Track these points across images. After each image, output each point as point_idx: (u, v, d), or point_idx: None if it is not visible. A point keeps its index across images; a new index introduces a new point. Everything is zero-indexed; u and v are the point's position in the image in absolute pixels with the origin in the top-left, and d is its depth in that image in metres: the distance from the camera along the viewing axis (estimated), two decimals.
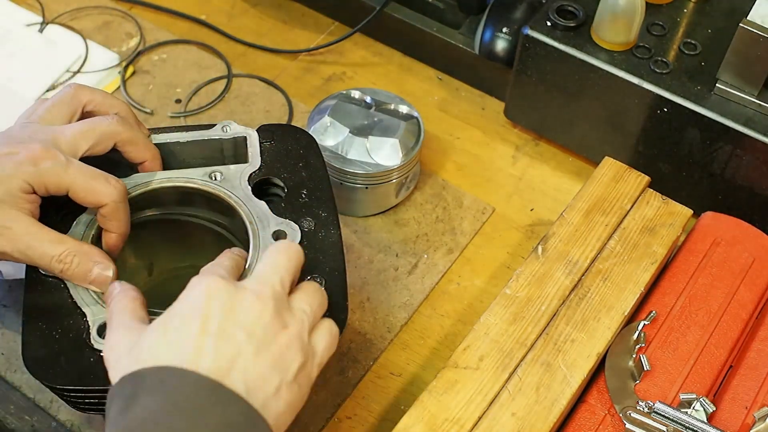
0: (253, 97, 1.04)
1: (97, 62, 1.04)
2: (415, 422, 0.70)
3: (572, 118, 0.95)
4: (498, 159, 1.00)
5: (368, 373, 0.83)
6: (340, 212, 0.82)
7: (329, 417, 0.80)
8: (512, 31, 0.98)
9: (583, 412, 0.74)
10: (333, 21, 1.12)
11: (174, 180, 0.74)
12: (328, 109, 0.90)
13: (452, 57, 1.04)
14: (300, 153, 0.77)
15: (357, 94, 0.92)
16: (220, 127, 0.77)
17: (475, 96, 1.05)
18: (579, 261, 0.80)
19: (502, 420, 0.70)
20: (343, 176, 0.88)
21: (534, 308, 0.76)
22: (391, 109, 0.91)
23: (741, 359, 0.77)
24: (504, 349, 0.74)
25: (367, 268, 0.89)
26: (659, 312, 0.78)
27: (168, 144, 0.76)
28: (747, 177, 0.87)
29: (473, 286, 0.89)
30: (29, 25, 1.07)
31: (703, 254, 0.82)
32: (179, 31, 1.10)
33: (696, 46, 0.91)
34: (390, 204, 0.93)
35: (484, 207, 0.95)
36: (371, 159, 0.87)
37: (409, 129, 0.89)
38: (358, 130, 0.88)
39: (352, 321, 0.81)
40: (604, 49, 0.90)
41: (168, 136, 0.77)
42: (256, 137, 0.77)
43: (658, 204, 0.84)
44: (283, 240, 0.70)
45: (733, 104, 0.86)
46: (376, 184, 0.88)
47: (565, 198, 0.95)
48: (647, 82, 0.88)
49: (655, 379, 0.74)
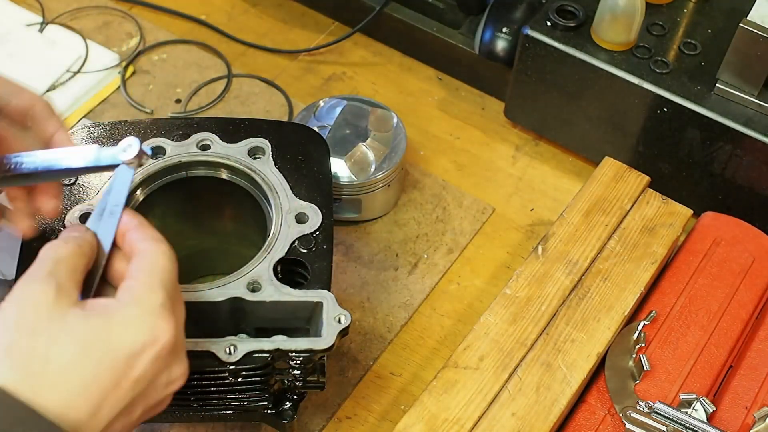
0: (253, 97, 1.04)
1: (97, 62, 1.04)
2: (415, 422, 0.70)
3: (572, 118, 0.95)
4: (498, 159, 0.99)
5: (368, 373, 0.83)
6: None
7: (329, 417, 0.80)
8: (512, 31, 0.98)
9: (583, 412, 0.74)
10: (333, 21, 1.12)
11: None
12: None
13: (452, 57, 1.04)
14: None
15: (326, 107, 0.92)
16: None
17: (475, 96, 1.05)
18: (579, 261, 0.80)
19: (502, 420, 0.70)
20: None
21: (534, 308, 0.76)
22: (357, 124, 0.90)
23: (741, 359, 0.77)
24: (504, 349, 0.74)
25: (367, 268, 0.89)
26: (659, 312, 0.78)
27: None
28: (747, 177, 0.87)
29: (473, 286, 0.89)
30: (29, 25, 1.07)
31: (703, 254, 0.82)
32: (179, 31, 1.10)
33: (696, 46, 0.91)
34: (377, 213, 0.93)
35: (484, 207, 0.95)
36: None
37: (372, 145, 0.88)
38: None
39: (352, 321, 0.80)
40: (604, 49, 0.90)
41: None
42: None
43: (658, 204, 0.84)
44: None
45: (733, 104, 0.86)
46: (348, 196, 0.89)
47: (565, 198, 0.95)
48: (647, 82, 0.88)
49: (655, 379, 0.74)
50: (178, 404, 0.71)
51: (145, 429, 0.78)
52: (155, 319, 0.52)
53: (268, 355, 0.65)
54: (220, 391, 0.69)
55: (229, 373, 0.66)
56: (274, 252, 0.70)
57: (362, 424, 0.80)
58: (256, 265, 0.69)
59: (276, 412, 0.73)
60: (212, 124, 0.78)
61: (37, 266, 0.53)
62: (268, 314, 0.68)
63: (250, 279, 0.68)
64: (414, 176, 0.97)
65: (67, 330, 0.50)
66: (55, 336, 0.49)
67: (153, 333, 0.51)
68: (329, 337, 0.66)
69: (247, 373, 0.67)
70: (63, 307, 0.51)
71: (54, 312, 0.50)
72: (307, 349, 0.66)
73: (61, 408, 0.48)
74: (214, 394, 0.70)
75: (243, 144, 0.76)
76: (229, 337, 0.65)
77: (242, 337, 0.66)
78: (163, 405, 0.55)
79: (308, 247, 0.71)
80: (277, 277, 0.69)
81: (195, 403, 0.71)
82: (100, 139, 0.77)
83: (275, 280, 0.68)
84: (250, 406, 0.72)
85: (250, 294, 0.67)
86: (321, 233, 0.72)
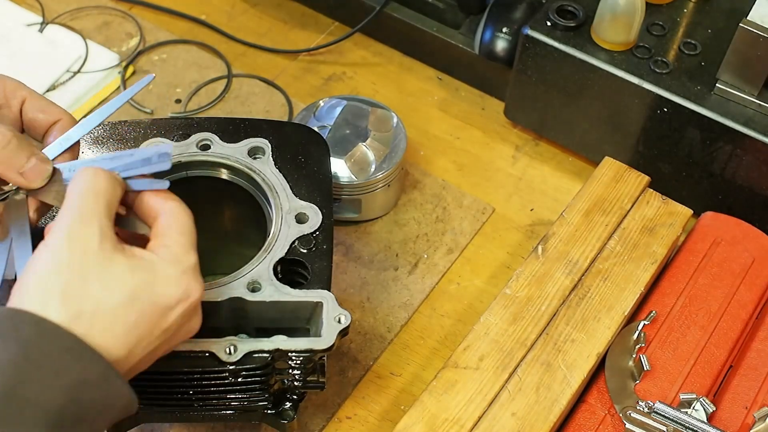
0: (252, 97, 1.04)
1: (97, 62, 1.04)
2: (415, 422, 0.70)
3: (572, 118, 0.95)
4: (498, 159, 1.00)
5: (368, 373, 0.83)
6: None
7: (329, 417, 0.80)
8: (512, 31, 0.98)
9: (583, 412, 0.74)
10: (333, 21, 1.12)
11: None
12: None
13: (452, 57, 1.04)
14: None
15: (327, 107, 0.91)
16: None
17: (475, 96, 1.05)
18: (579, 261, 0.80)
19: (502, 420, 0.70)
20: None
21: (534, 308, 0.76)
22: (357, 124, 0.90)
23: (741, 359, 0.77)
24: (504, 349, 0.74)
25: (367, 268, 0.89)
26: (659, 312, 0.78)
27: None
28: (747, 177, 0.87)
29: (473, 286, 0.89)
30: (29, 25, 1.07)
31: (703, 254, 0.82)
32: (179, 31, 1.10)
33: (696, 46, 0.91)
34: (375, 213, 0.93)
35: (484, 207, 0.95)
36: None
37: (372, 145, 0.88)
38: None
39: (352, 321, 0.80)
40: (604, 49, 0.90)
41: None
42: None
43: (658, 204, 0.84)
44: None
45: (733, 104, 0.86)
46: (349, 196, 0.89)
47: (565, 198, 0.95)
48: (647, 82, 0.88)
49: (655, 379, 0.74)
50: (178, 404, 0.71)
51: (145, 429, 0.78)
52: (189, 279, 0.58)
53: (268, 355, 0.65)
54: (220, 391, 0.69)
55: (229, 373, 0.66)
56: (274, 252, 0.70)
57: (362, 424, 0.80)
58: (256, 265, 0.69)
59: (276, 412, 0.73)
60: (212, 124, 0.78)
61: (80, 202, 0.58)
62: (268, 314, 0.68)
63: (250, 279, 0.68)
64: (414, 176, 0.97)
65: (116, 277, 0.56)
66: (106, 282, 0.56)
67: (186, 291, 0.58)
68: (329, 337, 0.66)
69: (247, 373, 0.67)
70: (108, 251, 0.57)
71: (101, 257, 0.56)
72: (307, 349, 0.66)
73: (105, 346, 0.55)
74: (214, 394, 0.70)
75: (243, 144, 0.76)
76: (229, 337, 0.65)
77: (242, 337, 0.66)
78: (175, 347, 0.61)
79: (308, 247, 0.71)
80: (277, 277, 0.69)
81: (195, 403, 0.71)
82: (100, 139, 0.77)
83: (275, 280, 0.68)
84: (250, 406, 0.71)
85: (250, 294, 0.67)
86: (321, 233, 0.72)
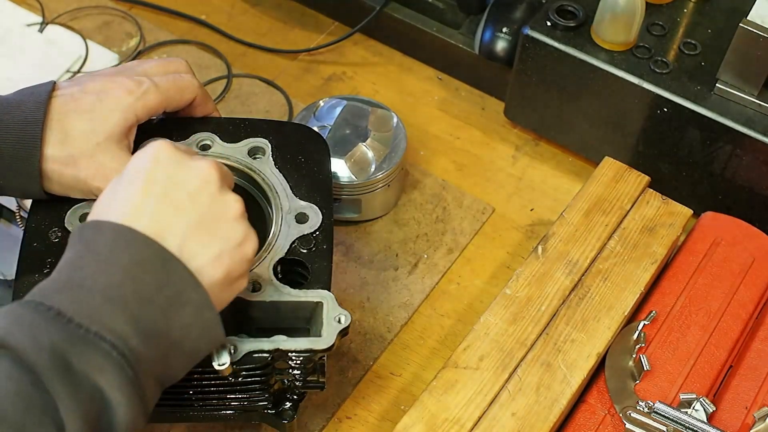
0: (253, 97, 1.04)
1: (97, 62, 1.04)
2: (415, 422, 0.70)
3: (572, 118, 0.95)
4: (498, 159, 1.00)
5: (368, 373, 0.83)
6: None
7: (329, 417, 0.80)
8: (512, 31, 0.98)
9: (583, 412, 0.74)
10: (333, 21, 1.12)
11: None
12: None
13: (452, 57, 1.04)
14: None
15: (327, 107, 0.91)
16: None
17: (475, 96, 1.05)
18: (579, 261, 0.80)
19: (502, 420, 0.70)
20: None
21: (534, 308, 0.76)
22: (357, 124, 0.90)
23: (741, 359, 0.77)
24: (504, 349, 0.74)
25: (367, 268, 0.89)
26: (659, 312, 0.78)
27: None
28: (747, 177, 0.87)
29: (473, 286, 0.89)
30: (29, 25, 1.07)
31: (703, 254, 0.82)
32: (179, 31, 1.10)
33: (696, 46, 0.91)
34: (375, 214, 0.93)
35: (484, 207, 0.95)
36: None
37: (372, 145, 0.88)
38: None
39: (352, 321, 0.80)
40: (604, 49, 0.90)
41: None
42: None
43: (658, 204, 0.84)
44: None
45: (733, 104, 0.86)
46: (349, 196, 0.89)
47: (565, 198, 0.95)
48: (647, 82, 0.88)
49: (655, 379, 0.74)
50: (178, 404, 0.71)
51: (145, 429, 0.78)
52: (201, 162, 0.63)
53: (268, 355, 0.65)
54: (220, 391, 0.69)
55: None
56: (274, 252, 0.70)
57: (362, 424, 0.80)
58: (256, 265, 0.69)
59: (276, 412, 0.73)
60: (212, 124, 0.78)
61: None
62: (268, 314, 0.68)
63: (250, 279, 0.68)
64: (414, 176, 0.97)
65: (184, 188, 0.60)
66: (178, 202, 0.60)
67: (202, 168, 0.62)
68: (329, 337, 0.66)
69: (247, 373, 0.67)
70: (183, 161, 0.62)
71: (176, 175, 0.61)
72: (307, 349, 0.66)
73: (152, 234, 0.58)
74: (214, 394, 0.70)
75: (243, 144, 0.76)
76: (229, 337, 0.65)
77: (242, 337, 0.66)
78: (242, 253, 0.62)
79: (308, 247, 0.71)
80: (277, 277, 0.69)
81: (195, 403, 0.71)
82: None
83: (275, 280, 0.68)
84: (250, 406, 0.72)
85: (250, 294, 0.67)
86: (321, 233, 0.72)
